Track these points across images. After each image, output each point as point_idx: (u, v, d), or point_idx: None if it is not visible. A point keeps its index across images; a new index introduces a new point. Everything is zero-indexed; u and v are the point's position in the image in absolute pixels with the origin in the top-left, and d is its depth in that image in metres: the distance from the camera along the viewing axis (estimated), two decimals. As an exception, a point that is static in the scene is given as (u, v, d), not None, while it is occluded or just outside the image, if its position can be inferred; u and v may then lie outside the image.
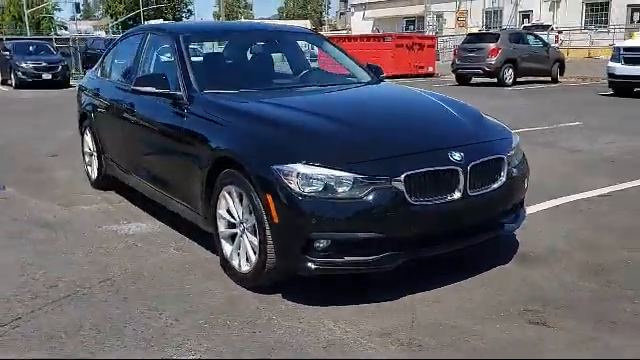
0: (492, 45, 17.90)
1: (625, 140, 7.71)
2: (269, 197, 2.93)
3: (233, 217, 3.33)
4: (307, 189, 2.87)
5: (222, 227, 3.44)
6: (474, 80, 18.92)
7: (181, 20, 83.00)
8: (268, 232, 3.00)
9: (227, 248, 3.42)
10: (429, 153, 3.07)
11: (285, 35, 5.01)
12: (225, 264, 3.44)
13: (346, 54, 4.81)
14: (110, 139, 5.04)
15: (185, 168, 3.74)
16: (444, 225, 3.08)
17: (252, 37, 4.82)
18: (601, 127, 9.00)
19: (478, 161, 3.12)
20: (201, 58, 4.36)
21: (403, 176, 2.89)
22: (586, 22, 35.08)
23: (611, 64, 13.77)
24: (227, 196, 3.32)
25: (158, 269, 3.60)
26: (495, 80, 17.98)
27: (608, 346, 2.60)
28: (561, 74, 19.83)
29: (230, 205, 3.33)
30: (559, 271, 3.44)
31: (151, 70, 4.60)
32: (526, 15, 37.71)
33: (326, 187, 2.87)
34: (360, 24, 45.27)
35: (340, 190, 2.88)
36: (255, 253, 3.15)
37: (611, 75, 13.78)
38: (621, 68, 13.41)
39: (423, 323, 2.85)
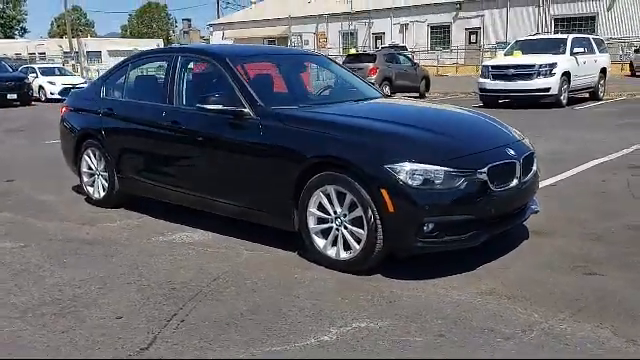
0: (371, 65, 19.44)
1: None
2: (384, 191, 3.54)
3: (327, 213, 3.87)
4: (415, 183, 3.53)
5: (312, 223, 3.95)
6: (355, 97, 20.32)
7: (14, 37, 77.11)
8: (379, 221, 3.60)
9: (320, 241, 3.94)
10: (495, 150, 3.89)
11: (303, 57, 5.60)
12: (319, 256, 3.94)
13: (353, 73, 5.52)
14: (135, 157, 5.23)
15: (261, 175, 4.18)
16: (509, 207, 3.91)
17: (282, 59, 5.37)
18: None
19: (525, 155, 4.01)
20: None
21: (486, 168, 3.66)
22: (432, 43, 38.82)
23: (481, 80, 15.77)
24: (322, 195, 3.85)
25: (252, 266, 4.00)
26: (374, 96, 19.53)
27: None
28: (427, 90, 22.02)
29: (325, 203, 3.86)
30: (572, 240, 4.41)
31: (185, 89, 4.91)
32: (379, 37, 40.77)
33: (427, 180, 3.55)
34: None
35: (437, 182, 3.57)
36: (359, 241, 3.72)
37: (482, 90, 15.78)
38: (490, 83, 15.44)
39: (509, 282, 3.62)
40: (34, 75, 23.53)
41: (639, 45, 28.02)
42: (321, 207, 3.90)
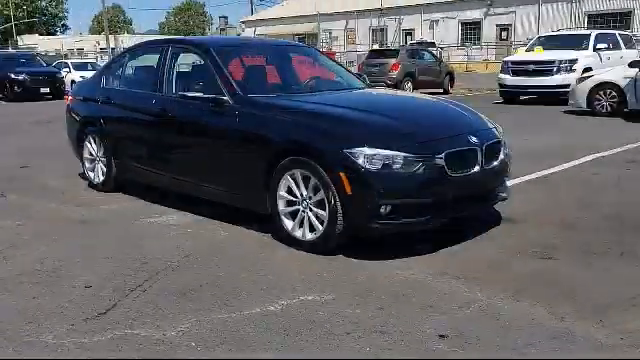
0: (393, 60, 19.51)
1: (536, 138, 9.18)
2: (342, 174, 3.70)
3: (295, 196, 4.05)
4: (372, 167, 3.69)
5: (282, 206, 4.14)
6: (377, 92, 20.42)
7: (55, 34, 79.62)
8: (339, 203, 3.76)
9: (288, 223, 4.12)
10: (456, 137, 4.01)
11: (289, 49, 5.81)
12: (287, 236, 4.13)
13: (340, 65, 5.69)
14: (129, 143, 5.50)
15: (237, 160, 4.38)
16: (470, 192, 4.02)
17: (266, 50, 5.58)
18: (511, 129, 10.48)
19: (488, 143, 4.12)
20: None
21: (444, 154, 3.79)
22: (462, 40, 38.53)
23: (501, 76, 15.69)
24: (290, 179, 4.03)
25: (226, 245, 4.21)
26: (397, 92, 19.59)
27: (606, 269, 3.66)
28: (451, 86, 21.95)
29: (292, 186, 4.04)
30: (540, 227, 4.50)
31: (174, 78, 5.14)
32: (409, 33, 40.65)
33: (385, 164, 3.70)
34: (251, 41, 46.21)
35: (395, 166, 3.72)
36: (323, 223, 3.89)
37: (502, 85, 15.70)
38: (510, 79, 15.35)
39: (465, 264, 3.73)
40: (67, 70, 24.32)
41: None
42: (290, 190, 4.08)
